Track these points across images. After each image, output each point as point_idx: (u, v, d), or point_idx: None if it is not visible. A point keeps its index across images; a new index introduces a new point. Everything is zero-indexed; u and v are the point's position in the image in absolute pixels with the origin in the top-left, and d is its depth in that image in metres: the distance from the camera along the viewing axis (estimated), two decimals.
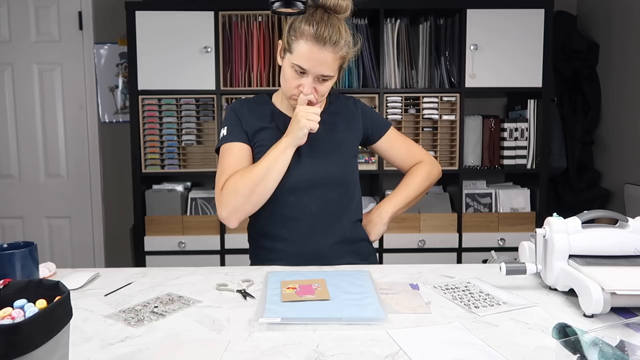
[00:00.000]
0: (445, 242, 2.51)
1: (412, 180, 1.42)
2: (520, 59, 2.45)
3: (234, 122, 1.32)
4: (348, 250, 1.32)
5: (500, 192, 2.59)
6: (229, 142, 1.30)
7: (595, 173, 2.75)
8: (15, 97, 2.85)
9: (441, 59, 2.50)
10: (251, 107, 1.35)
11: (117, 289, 1.06)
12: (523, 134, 2.53)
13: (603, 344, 0.59)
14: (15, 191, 2.90)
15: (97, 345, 0.79)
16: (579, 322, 0.87)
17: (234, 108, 1.35)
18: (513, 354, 0.75)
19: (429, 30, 2.49)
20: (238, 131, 1.31)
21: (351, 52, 1.26)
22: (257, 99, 1.40)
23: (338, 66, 1.24)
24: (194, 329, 0.86)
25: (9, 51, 2.82)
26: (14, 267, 0.94)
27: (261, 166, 1.21)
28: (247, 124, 1.32)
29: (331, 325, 0.85)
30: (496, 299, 0.98)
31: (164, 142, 2.49)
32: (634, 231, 0.99)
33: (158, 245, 2.48)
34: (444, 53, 2.50)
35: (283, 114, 1.34)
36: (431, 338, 0.81)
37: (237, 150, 1.29)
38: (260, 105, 1.37)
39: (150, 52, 2.41)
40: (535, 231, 1.03)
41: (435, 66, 2.51)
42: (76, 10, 2.82)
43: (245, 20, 2.45)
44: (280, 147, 1.22)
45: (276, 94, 1.39)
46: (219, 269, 1.20)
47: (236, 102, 1.39)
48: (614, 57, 2.64)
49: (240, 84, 2.46)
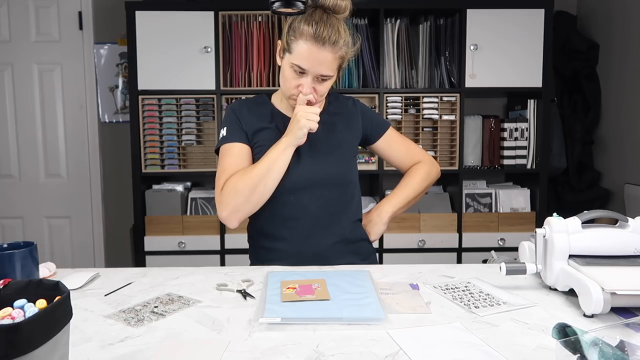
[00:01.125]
0: (445, 242, 2.51)
1: (411, 180, 1.42)
2: (520, 59, 2.45)
3: (233, 122, 1.32)
4: (348, 250, 1.32)
5: (500, 192, 2.59)
6: (228, 142, 1.30)
7: (595, 173, 2.75)
8: (15, 97, 2.85)
9: (441, 59, 2.50)
10: (251, 108, 1.35)
11: (117, 289, 1.06)
12: (523, 134, 2.53)
13: (603, 344, 0.59)
14: (15, 191, 2.90)
15: (97, 345, 0.79)
16: (579, 322, 0.87)
17: (234, 108, 1.35)
18: (513, 354, 0.75)
19: (429, 30, 2.49)
20: (238, 131, 1.31)
21: (350, 52, 1.26)
22: (257, 99, 1.40)
23: (337, 66, 1.24)
24: (194, 329, 0.86)
25: (9, 51, 2.82)
26: (14, 267, 0.94)
27: (261, 166, 1.21)
28: (246, 124, 1.32)
29: (331, 325, 0.85)
30: (496, 299, 0.98)
31: (164, 142, 2.49)
32: (634, 231, 0.99)
33: (158, 245, 2.48)
34: (444, 53, 2.50)
35: (282, 114, 1.34)
36: (431, 338, 0.81)
37: (237, 150, 1.29)
38: (259, 106, 1.36)
39: (150, 52, 2.41)
40: (535, 231, 1.03)
41: (435, 66, 2.51)
42: (76, 10, 2.82)
43: (245, 20, 2.45)
44: (280, 147, 1.22)
45: (275, 94, 1.39)
46: (219, 269, 1.20)
47: (236, 102, 1.39)
48: (614, 57, 2.64)
49: (240, 84, 2.46)
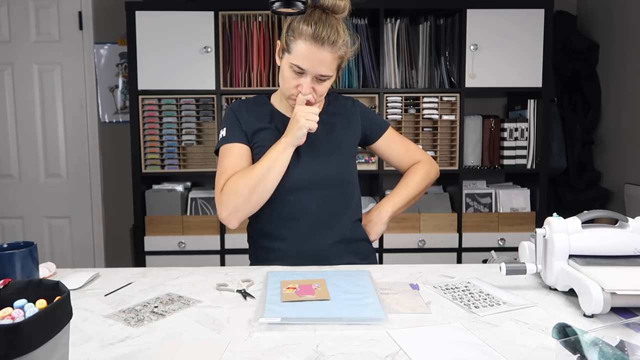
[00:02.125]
0: (445, 242, 2.51)
1: (410, 180, 1.42)
2: (520, 59, 2.45)
3: (233, 122, 1.32)
4: (348, 249, 1.32)
5: (500, 192, 2.59)
6: (228, 143, 1.30)
7: (595, 173, 2.75)
8: (15, 97, 2.85)
9: (441, 59, 2.50)
10: (250, 108, 1.35)
11: (117, 289, 1.06)
12: (523, 134, 2.53)
13: (603, 344, 0.59)
14: (15, 191, 2.90)
15: (97, 345, 0.79)
16: (579, 322, 0.87)
17: (233, 109, 1.35)
18: (513, 354, 0.75)
19: (429, 30, 2.49)
20: (237, 132, 1.31)
21: (349, 51, 1.26)
22: (256, 99, 1.40)
23: (336, 66, 1.24)
24: (194, 329, 0.86)
25: (9, 51, 2.82)
26: (14, 267, 0.94)
27: (261, 166, 1.21)
28: (246, 124, 1.32)
29: (331, 325, 0.85)
30: (496, 299, 0.98)
31: (164, 142, 2.49)
32: (634, 231, 0.99)
33: (158, 245, 2.48)
34: (444, 53, 2.50)
35: (282, 114, 1.34)
36: (431, 338, 0.81)
37: (237, 151, 1.29)
38: (259, 106, 1.36)
39: (150, 52, 2.41)
40: (535, 231, 1.03)
41: (435, 66, 2.51)
42: (76, 10, 2.82)
43: (245, 20, 2.45)
44: (280, 147, 1.22)
45: (275, 94, 1.39)
46: (219, 269, 1.20)
47: (235, 102, 1.39)
48: (614, 57, 2.64)
49: (240, 84, 2.46)
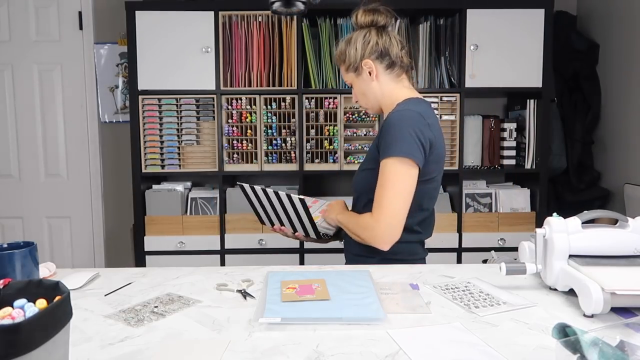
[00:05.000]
0: (445, 242, 2.51)
1: (358, 220, 1.31)
2: (520, 59, 2.45)
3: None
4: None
5: (500, 192, 2.58)
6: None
7: (595, 173, 2.75)
8: (15, 97, 2.85)
9: (441, 59, 2.50)
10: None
11: (117, 289, 1.06)
12: (523, 134, 2.53)
13: (603, 344, 0.59)
14: (15, 191, 2.90)
15: (97, 345, 0.79)
16: (579, 322, 0.87)
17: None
18: (513, 354, 0.75)
19: (429, 30, 2.49)
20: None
21: (351, 55, 1.31)
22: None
23: (353, 73, 1.34)
24: (194, 329, 0.86)
25: (9, 51, 2.82)
26: (14, 267, 0.94)
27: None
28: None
29: (331, 325, 0.85)
30: (496, 299, 0.98)
31: (164, 142, 2.49)
32: (634, 231, 0.99)
33: (158, 245, 2.48)
34: (444, 53, 2.50)
35: None
36: (431, 338, 0.81)
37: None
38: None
39: (150, 52, 2.41)
40: (535, 231, 1.03)
41: (435, 66, 2.51)
42: (76, 10, 2.81)
43: (245, 20, 2.44)
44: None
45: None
46: (219, 269, 1.20)
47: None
48: (614, 57, 2.64)
49: (240, 84, 2.46)
